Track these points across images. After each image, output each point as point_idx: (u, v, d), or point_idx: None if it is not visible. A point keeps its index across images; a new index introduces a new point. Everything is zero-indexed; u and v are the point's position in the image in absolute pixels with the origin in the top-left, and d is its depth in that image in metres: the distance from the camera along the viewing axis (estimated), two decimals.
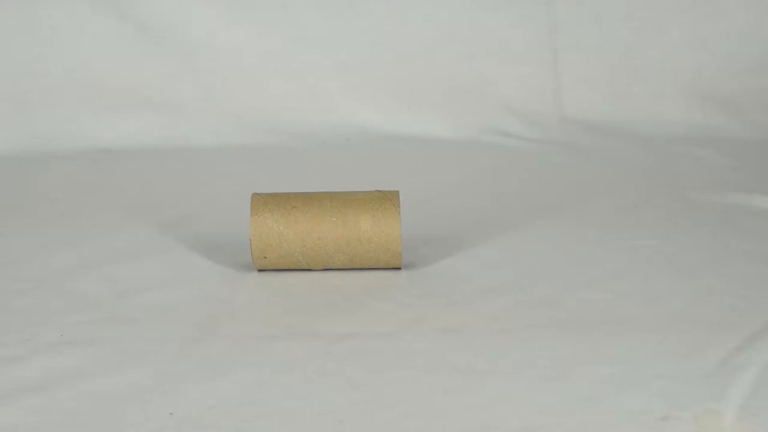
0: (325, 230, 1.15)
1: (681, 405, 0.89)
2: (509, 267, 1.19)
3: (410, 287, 1.14)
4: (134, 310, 1.10)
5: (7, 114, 1.70)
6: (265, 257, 1.15)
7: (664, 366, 0.95)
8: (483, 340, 1.01)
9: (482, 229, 1.30)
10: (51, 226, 1.36)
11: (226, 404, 0.91)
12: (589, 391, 0.91)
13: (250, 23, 1.76)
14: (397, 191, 1.17)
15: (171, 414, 0.89)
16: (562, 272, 1.17)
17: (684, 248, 1.23)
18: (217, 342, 1.02)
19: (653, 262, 1.20)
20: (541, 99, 1.72)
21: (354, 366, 0.97)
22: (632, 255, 1.22)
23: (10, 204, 1.45)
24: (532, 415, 0.88)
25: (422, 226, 1.29)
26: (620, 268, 1.18)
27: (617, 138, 1.65)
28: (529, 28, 1.75)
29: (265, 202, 1.16)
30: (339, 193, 1.18)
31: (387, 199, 1.16)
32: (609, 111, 1.72)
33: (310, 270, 1.18)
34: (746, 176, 1.51)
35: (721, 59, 1.75)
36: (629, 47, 1.72)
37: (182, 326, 1.05)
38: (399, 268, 1.18)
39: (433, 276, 1.17)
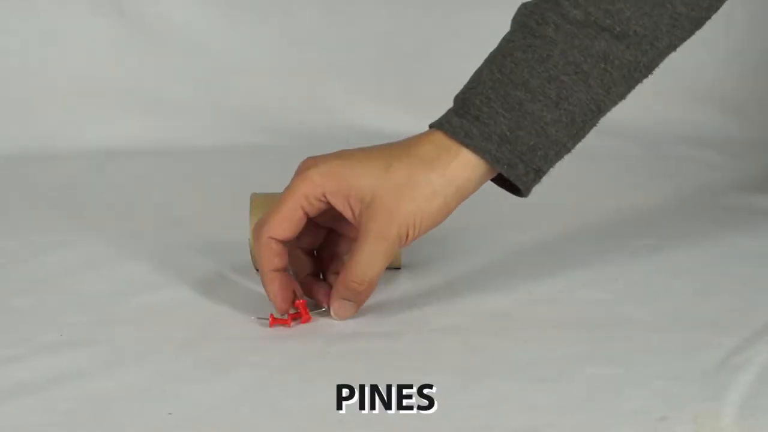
0: None
1: (680, 405, 0.89)
2: (509, 267, 1.19)
3: (410, 287, 1.14)
4: (134, 310, 1.10)
5: (7, 114, 1.70)
6: None
7: (664, 366, 0.95)
8: (483, 340, 1.01)
9: (482, 229, 1.30)
10: (51, 226, 1.36)
11: (226, 404, 0.91)
12: (589, 391, 0.91)
13: (250, 23, 1.76)
14: None
15: (170, 414, 0.89)
16: (562, 272, 1.17)
17: (684, 248, 1.23)
18: (217, 342, 1.02)
19: (653, 262, 1.20)
20: None
21: (354, 366, 0.97)
22: (632, 255, 1.22)
23: (10, 204, 1.45)
24: (532, 415, 0.88)
25: None
26: (620, 268, 1.18)
27: (617, 138, 1.65)
28: None
29: (264, 202, 1.16)
30: None
31: None
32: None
33: None
34: (746, 176, 1.51)
35: (721, 59, 1.75)
36: None
37: (182, 326, 1.05)
38: (399, 268, 1.18)
39: (433, 276, 1.17)
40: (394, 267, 1.18)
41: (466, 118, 1.02)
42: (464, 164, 1.01)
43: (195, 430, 0.87)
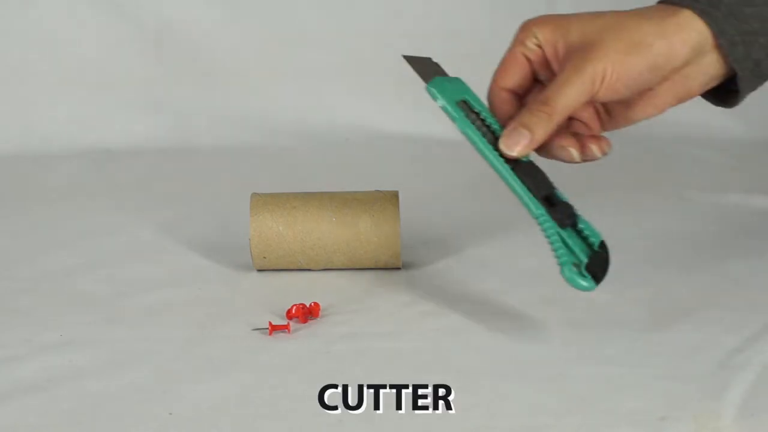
0: (325, 230, 1.15)
1: (680, 405, 0.89)
2: (509, 267, 1.19)
3: (410, 287, 1.14)
4: (134, 310, 1.10)
5: (7, 114, 1.70)
6: (264, 257, 1.15)
7: (664, 366, 0.95)
8: (483, 340, 1.01)
9: (482, 229, 1.30)
10: (51, 226, 1.36)
11: (226, 404, 0.91)
12: (589, 391, 0.92)
13: (250, 23, 1.76)
14: (397, 191, 1.18)
15: (170, 414, 0.89)
16: None
17: (683, 248, 1.23)
18: (217, 342, 1.02)
19: (653, 261, 1.20)
20: None
21: (354, 366, 0.97)
22: (632, 255, 1.22)
23: (10, 204, 1.45)
24: (532, 415, 0.88)
25: (422, 226, 1.29)
26: (620, 268, 1.18)
27: (617, 138, 1.65)
28: None
29: (264, 202, 1.16)
30: (338, 193, 1.18)
31: (386, 199, 1.16)
32: None
33: (309, 270, 1.18)
34: (746, 176, 1.51)
35: None
36: None
37: (182, 326, 1.05)
38: (399, 268, 1.18)
39: (433, 276, 1.17)
40: (394, 267, 1.18)
41: None
42: (682, 23, 0.95)
43: (195, 430, 0.87)
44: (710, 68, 0.97)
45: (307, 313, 1.06)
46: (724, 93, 1.01)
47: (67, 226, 1.35)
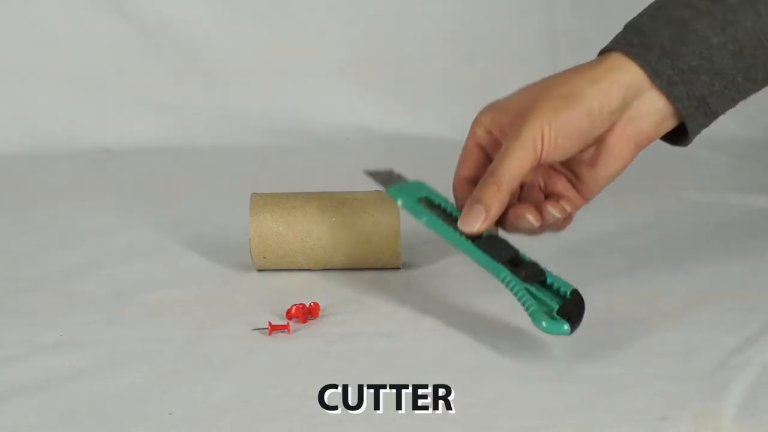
0: (325, 230, 1.15)
1: (680, 405, 0.89)
2: None
3: (410, 287, 1.14)
4: (134, 310, 1.10)
5: (7, 114, 1.70)
6: (264, 257, 1.15)
7: (664, 366, 0.95)
8: (483, 340, 1.01)
9: None
10: (51, 226, 1.36)
11: (226, 404, 0.91)
12: (589, 391, 0.91)
13: (250, 23, 1.76)
14: None
15: (170, 414, 0.89)
16: (561, 272, 1.17)
17: (683, 248, 1.23)
18: (217, 342, 1.02)
19: (652, 262, 1.20)
20: None
21: (354, 366, 0.97)
22: (631, 255, 1.22)
23: (10, 204, 1.45)
24: (532, 415, 0.88)
25: (422, 226, 1.29)
26: (620, 268, 1.18)
27: None
28: (529, 28, 1.74)
29: (264, 202, 1.16)
30: (339, 192, 1.18)
31: (386, 198, 1.16)
32: None
33: (309, 270, 1.18)
34: (746, 176, 1.51)
35: None
36: None
37: (182, 326, 1.05)
38: (399, 268, 1.18)
39: (433, 276, 1.17)
40: (394, 267, 1.18)
41: (628, 32, 0.97)
42: (613, 66, 0.96)
43: (195, 430, 0.87)
44: (654, 107, 0.98)
45: (306, 313, 1.06)
46: (679, 133, 1.02)
47: (67, 226, 1.35)
